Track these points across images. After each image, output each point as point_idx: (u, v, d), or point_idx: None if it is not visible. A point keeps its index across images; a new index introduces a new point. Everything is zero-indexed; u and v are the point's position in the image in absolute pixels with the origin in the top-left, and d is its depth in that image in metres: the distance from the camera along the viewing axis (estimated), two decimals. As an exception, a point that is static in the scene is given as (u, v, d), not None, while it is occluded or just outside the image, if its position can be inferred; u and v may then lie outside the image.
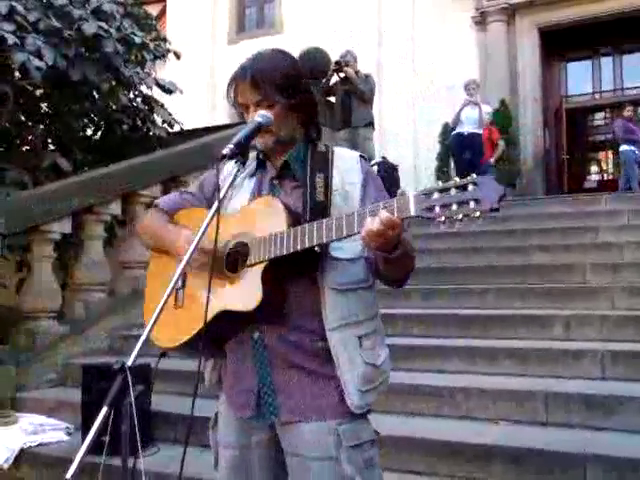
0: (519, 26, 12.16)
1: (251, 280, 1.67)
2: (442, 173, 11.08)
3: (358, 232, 1.52)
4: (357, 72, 7.93)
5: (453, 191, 1.39)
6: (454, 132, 9.69)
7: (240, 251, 1.76)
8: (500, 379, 4.00)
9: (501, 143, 10.04)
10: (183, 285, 1.84)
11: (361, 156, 1.88)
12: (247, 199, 1.85)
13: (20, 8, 5.36)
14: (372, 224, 1.47)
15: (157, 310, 1.81)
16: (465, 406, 3.79)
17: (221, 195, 1.84)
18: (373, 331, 1.77)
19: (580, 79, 13.44)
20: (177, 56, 7.94)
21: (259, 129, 1.89)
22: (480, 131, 9.39)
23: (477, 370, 4.19)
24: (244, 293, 1.68)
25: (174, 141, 6.98)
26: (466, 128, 9.37)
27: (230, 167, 1.90)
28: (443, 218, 1.39)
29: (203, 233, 1.79)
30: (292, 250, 1.63)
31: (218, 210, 1.80)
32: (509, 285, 5.31)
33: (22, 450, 4.14)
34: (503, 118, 11.29)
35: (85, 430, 3.89)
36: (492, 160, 9.73)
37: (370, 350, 1.74)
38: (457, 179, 1.42)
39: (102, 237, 5.79)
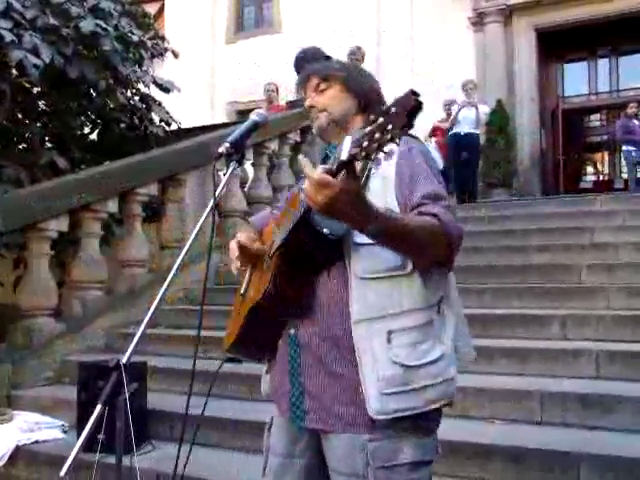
0: (516, 27, 12.18)
1: (267, 272, 1.66)
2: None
3: None
4: None
5: (380, 119, 1.25)
6: (451, 132, 9.71)
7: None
8: (497, 378, 4.00)
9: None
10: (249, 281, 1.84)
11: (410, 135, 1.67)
12: None
13: (17, 5, 5.34)
14: (306, 186, 1.36)
15: (152, 308, 1.82)
16: (461, 405, 3.79)
17: (216, 193, 1.86)
18: (416, 325, 1.55)
19: (577, 80, 13.47)
20: (175, 55, 7.94)
21: (255, 127, 1.90)
22: (477, 131, 9.42)
23: (474, 369, 4.16)
24: (261, 285, 1.67)
25: (171, 140, 6.99)
26: (463, 128, 9.39)
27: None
28: (364, 153, 1.26)
29: (195, 236, 1.82)
30: (288, 232, 1.57)
31: (213, 208, 1.82)
32: (507, 285, 5.31)
33: (18, 448, 4.13)
34: (500, 118, 11.32)
35: (81, 428, 3.87)
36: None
37: (403, 347, 1.53)
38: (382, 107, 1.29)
39: (99, 235, 5.78)
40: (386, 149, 1.26)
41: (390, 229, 1.42)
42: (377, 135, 1.23)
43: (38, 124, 7.21)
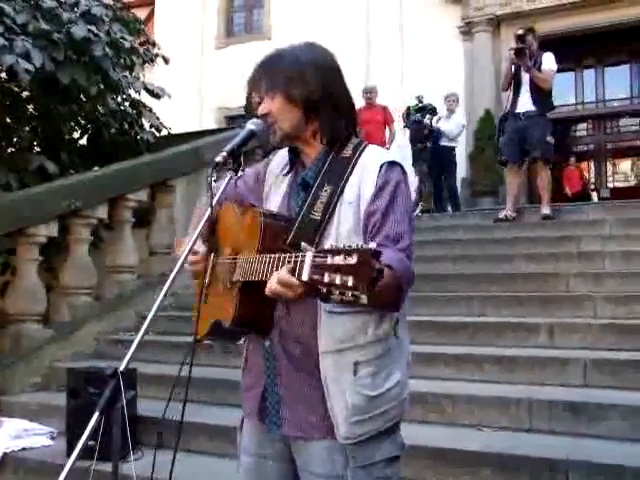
0: (504, 37, 12.29)
1: (232, 297, 1.67)
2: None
3: None
4: None
5: (341, 258, 1.23)
6: (429, 145, 9.74)
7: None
8: (485, 386, 4.03)
9: (394, 127, 9.61)
10: (209, 283, 1.84)
11: (390, 163, 1.68)
12: (279, 200, 1.80)
13: (9, 10, 5.34)
14: (271, 283, 1.40)
15: (149, 316, 1.83)
16: (450, 412, 3.83)
17: (213, 202, 1.85)
18: (379, 355, 1.64)
19: (563, 90, 13.60)
20: (166, 61, 7.93)
21: (252, 136, 1.89)
22: (454, 143, 9.46)
23: (463, 377, 4.22)
24: (227, 308, 1.68)
25: (161, 145, 6.98)
26: (441, 141, 9.45)
27: (279, 158, 1.90)
28: (325, 290, 1.25)
29: (196, 239, 1.81)
30: (245, 279, 1.60)
31: (211, 217, 1.81)
32: (495, 293, 5.35)
33: (5, 454, 4.11)
34: (488, 127, 11.38)
35: (70, 435, 3.88)
36: (388, 146, 9.29)
37: (368, 377, 1.62)
38: (348, 245, 1.26)
39: (88, 241, 5.76)
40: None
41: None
42: (338, 280, 1.23)
43: (27, 128, 7.19)
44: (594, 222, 6.68)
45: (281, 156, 1.89)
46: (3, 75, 6.09)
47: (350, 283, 1.21)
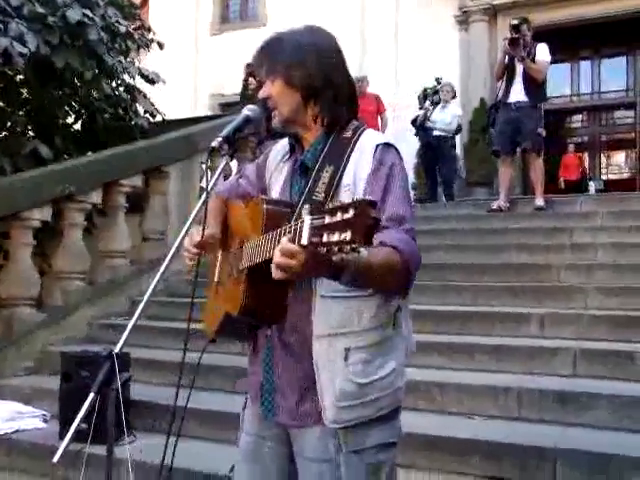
0: (501, 26, 12.25)
1: (240, 285, 1.68)
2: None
3: None
4: None
5: (338, 215, 1.23)
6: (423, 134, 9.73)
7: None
8: (476, 375, 4.06)
9: (386, 115, 9.60)
10: (218, 280, 1.87)
11: (386, 144, 1.67)
12: (281, 185, 1.81)
13: (4, -8, 5.31)
14: (275, 257, 1.35)
15: (144, 299, 1.85)
16: (441, 400, 3.86)
17: (209, 187, 1.86)
18: (373, 343, 1.63)
19: (559, 81, 13.60)
20: (160, 46, 7.90)
21: (247, 122, 1.89)
22: (450, 134, 9.45)
23: (454, 366, 4.25)
24: (235, 297, 1.69)
25: (155, 131, 6.96)
26: (437, 131, 9.43)
27: (280, 147, 1.90)
28: (325, 250, 1.24)
29: (188, 229, 1.82)
30: (265, 258, 1.55)
31: (206, 202, 1.82)
32: (487, 283, 5.38)
33: (-2, 436, 4.14)
34: (482, 117, 11.36)
35: (63, 417, 3.90)
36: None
37: (359, 364, 1.61)
38: (344, 201, 1.26)
39: (82, 226, 5.76)
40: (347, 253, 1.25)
41: (358, 275, 1.43)
42: (336, 237, 1.22)
43: (21, 113, 7.15)
44: (587, 214, 6.71)
45: (280, 146, 1.89)
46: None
47: (348, 237, 1.21)
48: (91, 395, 1.68)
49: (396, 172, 1.65)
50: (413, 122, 9.78)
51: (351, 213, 1.21)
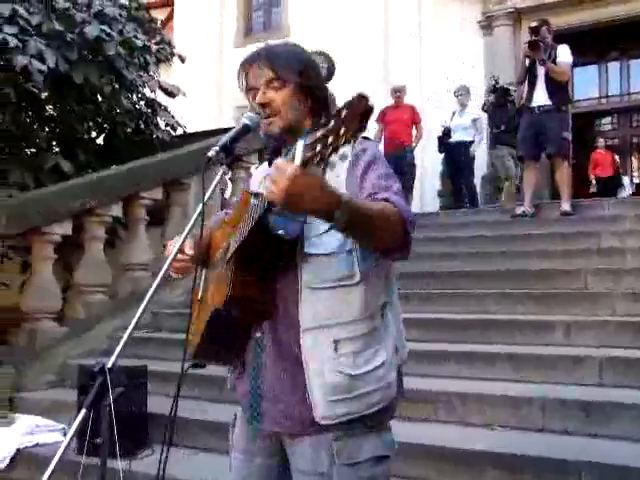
0: (525, 30, 12.12)
1: (227, 276, 1.66)
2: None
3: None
4: None
5: (331, 123, 1.26)
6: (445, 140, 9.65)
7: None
8: (497, 384, 3.96)
9: (421, 127, 9.47)
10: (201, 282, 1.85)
11: (363, 137, 1.67)
12: None
13: (22, 11, 5.39)
14: (269, 175, 1.35)
15: (139, 311, 1.83)
16: (461, 411, 3.77)
17: (205, 198, 1.84)
18: (362, 334, 1.60)
19: (587, 84, 13.40)
20: (182, 60, 7.97)
21: (247, 131, 1.86)
22: (469, 138, 9.30)
23: (475, 375, 4.16)
24: (221, 289, 1.66)
25: (177, 144, 7.00)
26: (455, 136, 9.32)
27: (261, 170, 1.92)
28: (319, 157, 1.28)
29: (186, 235, 1.80)
30: (245, 236, 1.58)
31: (202, 213, 1.80)
32: (510, 290, 5.26)
33: (19, 450, 4.15)
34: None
35: (80, 431, 3.89)
36: (414, 144, 9.31)
37: (349, 356, 1.58)
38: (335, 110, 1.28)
39: (103, 239, 5.80)
40: (340, 151, 1.28)
41: (355, 214, 1.40)
42: (331, 139, 1.25)
43: (46, 129, 7.25)
44: (614, 218, 6.55)
45: (259, 171, 1.91)
46: (20, 77, 6.14)
47: (342, 131, 1.23)
48: (83, 411, 1.67)
49: (376, 159, 1.66)
50: (440, 138, 9.73)
51: (344, 112, 1.24)
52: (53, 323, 5.35)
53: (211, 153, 1.80)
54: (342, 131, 1.23)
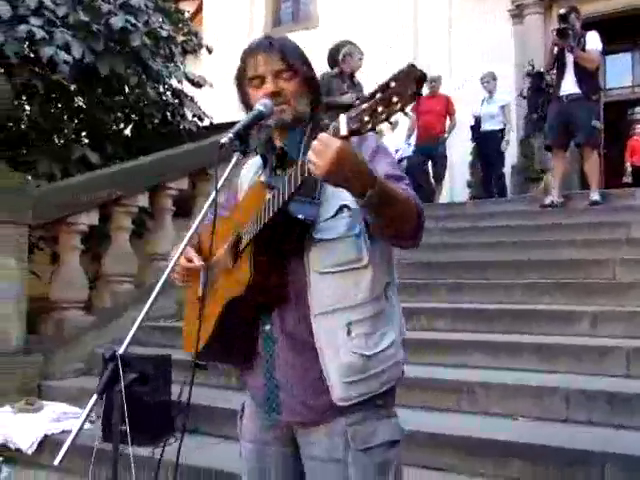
0: (556, 18, 11.91)
1: (243, 265, 1.66)
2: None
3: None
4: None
5: (379, 95, 1.29)
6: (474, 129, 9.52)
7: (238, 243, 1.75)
8: (522, 375, 3.91)
9: (455, 118, 9.35)
10: (206, 284, 1.84)
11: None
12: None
13: (49, 3, 5.44)
14: (312, 146, 1.39)
15: (150, 300, 1.83)
16: (485, 401, 3.73)
17: (218, 185, 1.84)
18: (372, 315, 1.62)
19: (620, 72, 13.11)
20: (209, 51, 8.00)
21: (260, 118, 1.85)
22: (499, 126, 9.12)
23: (500, 365, 4.12)
24: (239, 278, 1.66)
25: (204, 135, 7.02)
26: (484, 125, 9.17)
27: (250, 164, 1.96)
28: (370, 125, 1.30)
29: (196, 228, 1.80)
30: (265, 221, 1.58)
31: (215, 201, 1.80)
32: (537, 280, 5.20)
33: (46, 437, 4.21)
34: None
35: (105, 419, 3.94)
36: (446, 135, 9.25)
37: (362, 337, 1.60)
38: (381, 82, 1.31)
39: (129, 229, 5.84)
40: (393, 119, 1.30)
41: (385, 196, 1.44)
42: (381, 108, 1.27)
43: (75, 120, 7.33)
44: (645, 207, 6.42)
45: (251, 162, 1.94)
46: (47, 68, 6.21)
47: (394, 99, 1.26)
48: (94, 397, 1.68)
49: (381, 147, 1.71)
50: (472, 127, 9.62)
51: (392, 83, 1.27)
52: (80, 312, 5.41)
53: (224, 140, 1.80)
54: (395, 99, 1.26)
